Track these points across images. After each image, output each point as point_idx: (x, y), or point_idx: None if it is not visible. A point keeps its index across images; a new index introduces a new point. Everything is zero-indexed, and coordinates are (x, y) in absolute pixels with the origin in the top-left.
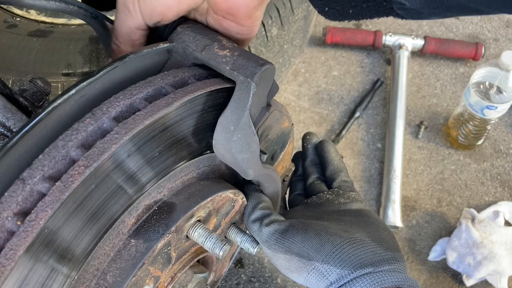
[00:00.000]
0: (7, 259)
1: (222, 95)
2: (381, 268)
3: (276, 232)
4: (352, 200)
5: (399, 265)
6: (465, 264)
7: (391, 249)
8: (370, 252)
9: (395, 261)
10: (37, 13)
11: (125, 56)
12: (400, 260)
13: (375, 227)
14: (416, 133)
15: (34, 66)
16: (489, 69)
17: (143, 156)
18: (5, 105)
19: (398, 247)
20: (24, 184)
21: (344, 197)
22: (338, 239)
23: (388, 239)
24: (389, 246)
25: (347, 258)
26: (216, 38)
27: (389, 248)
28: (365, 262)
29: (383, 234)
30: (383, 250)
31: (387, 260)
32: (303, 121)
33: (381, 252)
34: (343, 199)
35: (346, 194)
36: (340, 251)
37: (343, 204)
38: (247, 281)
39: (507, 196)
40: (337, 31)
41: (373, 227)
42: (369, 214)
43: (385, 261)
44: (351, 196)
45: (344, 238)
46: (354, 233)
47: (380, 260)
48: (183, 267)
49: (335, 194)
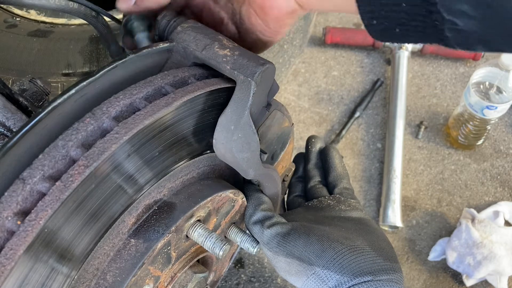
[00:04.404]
0: (7, 259)
1: (222, 95)
2: (380, 277)
3: (278, 235)
4: (353, 208)
5: (396, 276)
6: (465, 264)
7: (390, 259)
8: (370, 261)
9: (394, 271)
10: (37, 13)
11: (125, 56)
12: (398, 271)
13: (375, 236)
14: (416, 133)
15: (34, 66)
16: (489, 69)
17: (143, 156)
18: (5, 105)
19: (396, 258)
20: (24, 184)
21: (345, 204)
22: (340, 246)
23: (387, 249)
24: (388, 256)
25: (347, 265)
26: (216, 38)
27: (388, 258)
28: (365, 271)
29: (382, 244)
30: (382, 260)
31: (386, 270)
32: (303, 121)
33: (381, 261)
34: (344, 206)
35: (347, 201)
36: (341, 257)
37: (344, 211)
38: (247, 281)
39: (507, 196)
40: (337, 31)
41: (373, 236)
42: (369, 223)
43: (384, 271)
44: (352, 204)
45: (346, 245)
46: (355, 241)
47: (379, 269)
48: (183, 267)
49: (337, 200)
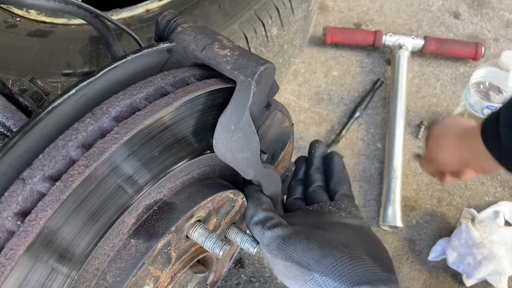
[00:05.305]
0: (7, 259)
1: (223, 95)
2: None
3: (279, 237)
4: (353, 216)
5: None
6: (465, 264)
7: (388, 270)
8: (369, 271)
9: (391, 282)
10: (37, 13)
11: (125, 56)
12: (395, 282)
13: (374, 245)
14: (416, 133)
15: (34, 66)
16: (489, 69)
17: (143, 156)
18: (5, 105)
19: (393, 269)
20: (24, 184)
21: (346, 211)
22: (339, 254)
23: (386, 259)
24: (386, 267)
25: (346, 273)
26: (216, 38)
27: (385, 268)
28: (363, 280)
29: (381, 254)
30: (380, 270)
31: (384, 280)
32: (303, 121)
33: (379, 271)
34: (344, 213)
35: (348, 208)
36: (340, 265)
37: (344, 218)
38: (247, 281)
39: (507, 196)
40: (337, 31)
41: (372, 245)
42: (368, 232)
43: (382, 281)
44: (352, 211)
45: (345, 253)
46: (355, 249)
47: (377, 279)
48: (183, 267)
49: (337, 207)
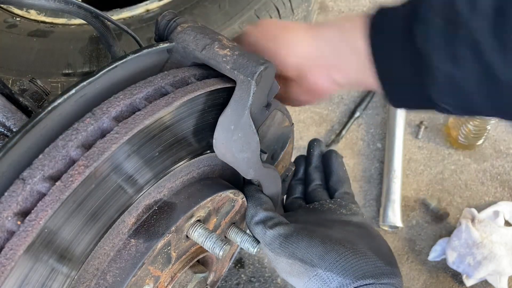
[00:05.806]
0: (7, 259)
1: (223, 95)
2: (381, 281)
3: (281, 236)
4: (354, 213)
5: (397, 280)
6: (465, 264)
7: (391, 264)
8: (372, 265)
9: (394, 276)
10: (37, 13)
11: (125, 56)
12: (398, 275)
13: (376, 241)
14: (416, 133)
15: (34, 66)
16: None
17: (143, 156)
18: (5, 105)
19: (396, 263)
20: (24, 184)
21: (346, 208)
22: (342, 249)
23: (388, 254)
24: (388, 261)
25: (350, 268)
26: (216, 38)
27: (388, 262)
28: (367, 274)
29: (383, 249)
30: (383, 264)
31: (387, 274)
32: (303, 121)
33: (382, 265)
34: (345, 210)
35: (348, 206)
36: (344, 260)
37: (345, 215)
38: (247, 281)
39: (507, 196)
40: None
41: (374, 241)
42: (369, 228)
43: (385, 275)
44: (352, 208)
45: (348, 248)
46: (357, 244)
47: (381, 273)
48: (183, 267)
49: (338, 204)
